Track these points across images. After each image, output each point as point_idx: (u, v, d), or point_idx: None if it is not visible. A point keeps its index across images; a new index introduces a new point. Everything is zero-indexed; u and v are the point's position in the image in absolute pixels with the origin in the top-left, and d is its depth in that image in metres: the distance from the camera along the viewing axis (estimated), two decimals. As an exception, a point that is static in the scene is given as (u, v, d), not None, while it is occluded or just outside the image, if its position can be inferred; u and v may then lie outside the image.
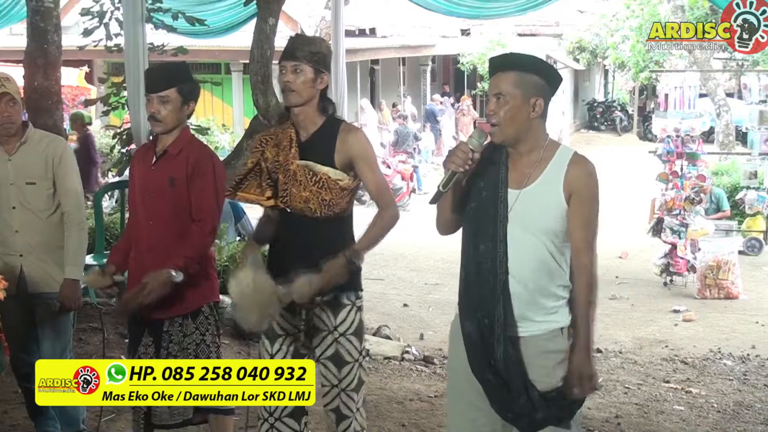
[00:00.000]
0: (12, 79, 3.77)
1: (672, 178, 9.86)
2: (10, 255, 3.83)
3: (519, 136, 2.74)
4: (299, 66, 3.11)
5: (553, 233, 2.74)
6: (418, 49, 21.50)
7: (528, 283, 2.75)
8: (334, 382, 3.25)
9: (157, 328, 3.48)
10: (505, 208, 2.75)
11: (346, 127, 3.21)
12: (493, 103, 2.74)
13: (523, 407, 2.74)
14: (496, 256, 2.75)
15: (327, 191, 3.12)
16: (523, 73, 2.73)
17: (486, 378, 2.78)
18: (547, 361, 2.77)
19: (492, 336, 2.74)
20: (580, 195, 2.72)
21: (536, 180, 2.75)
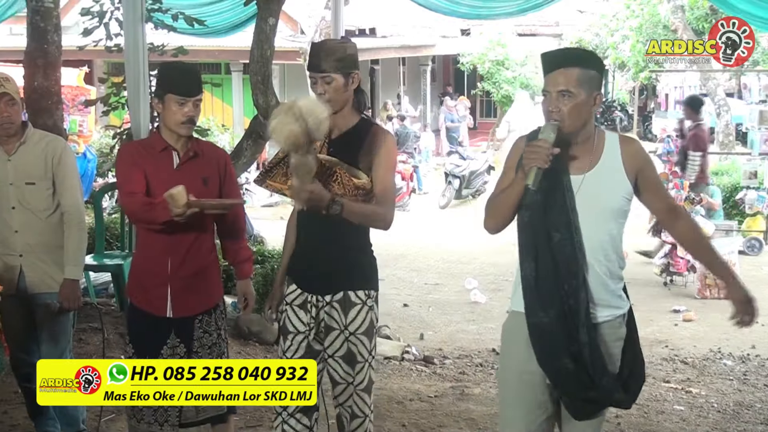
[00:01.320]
0: (11, 79, 3.77)
1: (672, 178, 9.85)
2: (10, 255, 3.83)
3: (579, 129, 2.84)
4: (328, 77, 3.16)
5: (619, 214, 2.87)
6: (418, 49, 21.49)
7: (600, 267, 2.84)
8: (349, 380, 3.28)
9: (185, 327, 3.48)
10: (572, 195, 2.83)
11: (376, 130, 3.25)
12: (557, 99, 2.79)
13: (603, 388, 2.82)
14: (573, 242, 2.81)
15: (340, 186, 3.14)
16: (585, 69, 2.81)
17: (562, 365, 2.82)
18: (615, 349, 2.89)
19: (576, 321, 2.80)
20: (646, 167, 2.89)
21: (597, 164, 2.85)
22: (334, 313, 3.24)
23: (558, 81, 2.79)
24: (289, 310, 3.33)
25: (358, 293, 3.25)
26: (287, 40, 15.70)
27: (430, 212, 14.94)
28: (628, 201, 2.87)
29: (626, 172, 2.84)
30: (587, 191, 2.83)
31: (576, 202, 2.82)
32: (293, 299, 3.32)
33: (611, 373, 2.85)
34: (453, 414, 5.03)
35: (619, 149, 2.86)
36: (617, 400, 2.90)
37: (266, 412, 4.68)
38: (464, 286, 9.31)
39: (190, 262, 3.46)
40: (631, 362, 2.92)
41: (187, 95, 3.38)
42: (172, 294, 3.46)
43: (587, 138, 2.87)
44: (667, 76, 10.53)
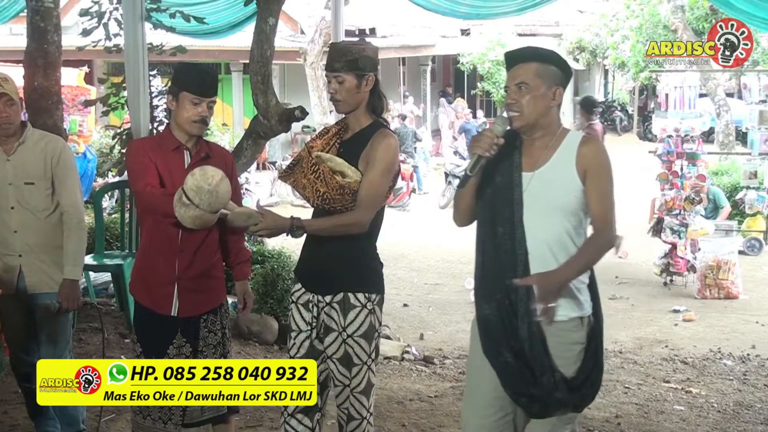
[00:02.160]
0: (10, 79, 3.77)
1: (672, 178, 9.85)
2: (9, 255, 3.83)
3: (538, 122, 2.86)
4: (339, 76, 3.19)
5: (569, 212, 2.84)
6: (418, 49, 21.48)
7: (547, 262, 2.82)
8: (345, 383, 3.28)
9: (191, 327, 3.48)
10: (519, 190, 2.85)
11: (380, 133, 3.24)
12: (515, 92, 2.85)
13: (545, 386, 2.81)
14: (514, 237, 2.83)
15: (322, 183, 3.16)
16: (543, 63, 2.85)
17: (503, 360, 2.84)
18: (569, 353, 2.86)
19: (515, 316, 2.81)
20: (594, 170, 2.84)
21: (548, 161, 2.86)
22: (333, 314, 3.25)
23: (516, 75, 2.86)
24: (294, 308, 3.35)
25: (358, 295, 3.25)
26: (287, 40, 15.70)
27: (430, 212, 14.93)
28: (578, 199, 2.83)
29: (577, 170, 2.83)
30: (536, 188, 2.84)
31: (524, 198, 2.84)
32: (298, 297, 3.34)
33: (558, 373, 2.82)
34: (453, 414, 5.03)
35: (576, 149, 2.85)
36: (560, 401, 2.84)
37: (266, 411, 4.69)
38: (464, 286, 9.30)
39: (198, 261, 3.46)
40: (588, 369, 2.88)
41: (202, 95, 3.38)
42: (179, 293, 3.45)
43: (547, 134, 2.88)
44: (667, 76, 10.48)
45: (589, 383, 2.90)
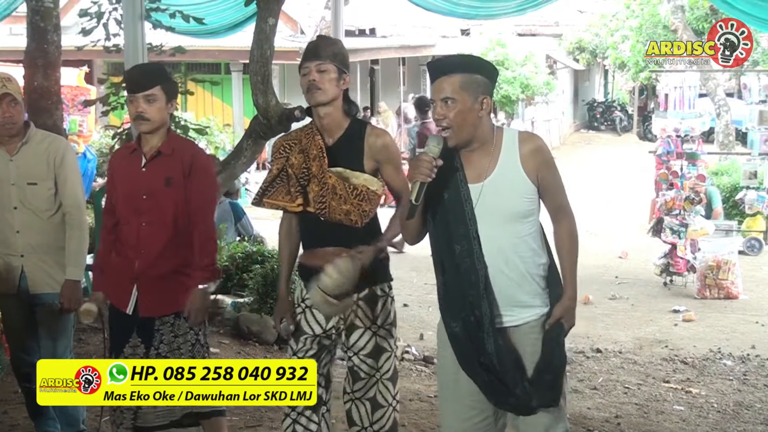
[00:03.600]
0: (14, 79, 3.77)
1: (672, 178, 9.85)
2: (11, 255, 3.83)
3: (471, 134, 2.80)
4: (323, 65, 3.16)
5: (523, 215, 2.83)
6: (418, 49, 21.49)
7: (509, 271, 2.81)
8: (371, 373, 3.28)
9: (147, 327, 3.46)
10: (470, 205, 2.81)
11: (372, 131, 3.24)
12: (441, 107, 2.78)
13: (519, 397, 2.81)
14: (473, 253, 2.80)
15: (367, 202, 3.17)
16: (467, 74, 2.78)
17: (478, 374, 2.83)
18: (536, 348, 2.86)
19: (481, 331, 2.79)
20: (544, 166, 2.84)
21: (494, 170, 2.81)
22: (360, 312, 3.24)
23: (440, 88, 2.79)
24: (308, 312, 3.29)
25: (382, 287, 3.27)
26: (287, 40, 15.70)
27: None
28: (532, 200, 2.84)
29: (526, 172, 2.81)
30: (487, 199, 2.80)
31: (476, 212, 2.80)
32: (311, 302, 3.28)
33: (527, 379, 2.82)
34: (453, 414, 5.03)
35: (517, 150, 2.82)
36: (538, 405, 2.85)
37: (266, 412, 4.68)
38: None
39: (162, 262, 3.42)
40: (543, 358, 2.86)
41: (132, 91, 3.40)
42: (138, 292, 3.45)
43: (484, 143, 2.83)
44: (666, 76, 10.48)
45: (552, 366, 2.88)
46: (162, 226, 3.41)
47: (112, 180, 3.58)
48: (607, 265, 10.26)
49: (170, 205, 3.41)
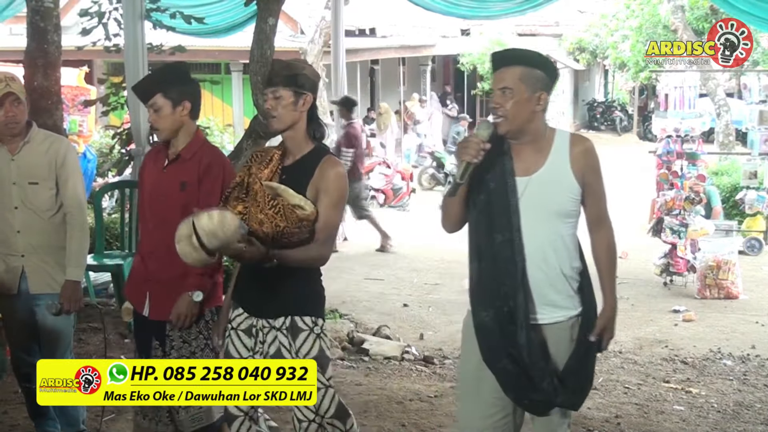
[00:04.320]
0: (17, 78, 3.77)
1: (672, 178, 9.85)
2: (12, 255, 3.82)
3: (523, 127, 2.84)
4: (277, 91, 3.10)
5: (565, 215, 2.86)
6: (418, 49, 21.47)
7: (546, 267, 2.84)
8: (311, 417, 3.17)
9: (160, 331, 3.48)
10: (515, 196, 2.84)
11: (328, 160, 3.15)
12: (499, 96, 2.83)
13: (544, 392, 2.83)
14: (513, 244, 2.83)
15: (282, 218, 3.05)
16: (528, 67, 2.83)
17: (502, 366, 2.84)
18: (566, 350, 2.90)
19: (513, 323, 2.82)
20: (591, 170, 2.88)
21: (543, 165, 2.85)
22: (283, 339, 3.16)
23: (500, 78, 2.84)
24: (234, 334, 3.24)
25: (305, 319, 3.17)
26: (287, 40, 15.69)
27: (430, 212, 14.93)
28: (576, 201, 2.88)
29: (574, 172, 2.85)
30: (532, 193, 2.84)
31: (520, 204, 2.83)
32: (239, 324, 3.24)
33: (555, 375, 2.85)
34: (453, 414, 5.03)
35: (568, 150, 2.86)
36: (560, 403, 2.89)
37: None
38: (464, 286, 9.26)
39: (172, 265, 3.38)
40: (576, 362, 2.90)
41: (142, 102, 3.50)
42: (150, 295, 3.47)
43: (535, 138, 2.87)
44: (667, 76, 10.48)
45: (583, 371, 2.93)
46: (171, 230, 3.41)
47: (141, 176, 3.64)
48: (607, 265, 10.24)
49: (181, 209, 3.40)
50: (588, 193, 2.88)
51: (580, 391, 2.93)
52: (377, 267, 10.03)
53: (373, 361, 6.31)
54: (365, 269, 9.80)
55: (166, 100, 3.40)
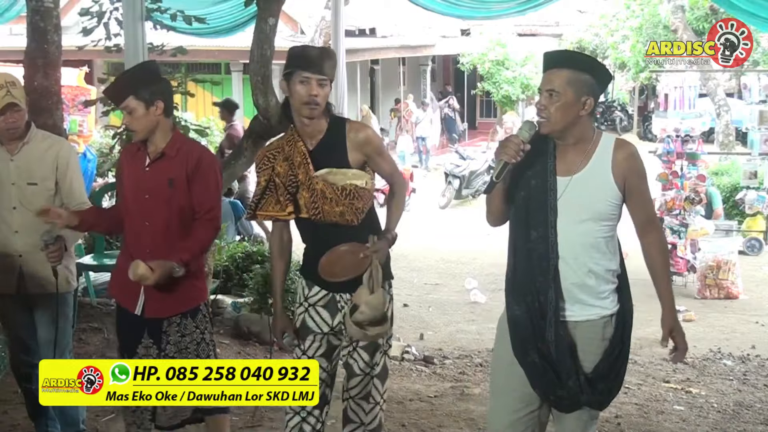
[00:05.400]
0: (18, 82, 3.76)
1: (672, 178, 9.86)
2: (10, 255, 3.82)
3: (566, 130, 2.86)
4: (325, 81, 3.13)
5: (603, 217, 2.87)
6: (418, 49, 21.49)
7: (578, 267, 2.86)
8: (366, 371, 3.29)
9: (156, 328, 3.48)
10: (554, 195, 2.86)
11: (352, 127, 3.22)
12: (545, 98, 2.84)
13: (570, 389, 2.85)
14: (547, 241, 2.85)
15: (359, 200, 3.17)
16: (576, 71, 2.83)
17: (531, 360, 2.88)
18: (596, 348, 2.90)
19: (543, 319, 2.85)
20: (634, 174, 2.88)
21: (585, 167, 2.86)
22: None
23: (548, 80, 2.85)
24: (312, 310, 3.29)
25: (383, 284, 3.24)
26: (287, 40, 15.68)
27: (430, 212, 14.93)
28: (615, 205, 2.88)
29: (614, 176, 2.85)
30: (572, 194, 2.85)
31: (559, 203, 2.85)
32: (317, 300, 3.29)
33: (583, 375, 2.87)
34: (453, 414, 5.03)
35: (611, 153, 2.86)
36: (586, 402, 2.90)
37: (266, 411, 4.68)
38: (464, 286, 9.31)
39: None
40: (607, 363, 2.91)
41: (116, 106, 3.49)
42: (145, 293, 3.45)
43: (580, 140, 2.88)
44: (667, 76, 10.49)
45: (613, 374, 2.94)
46: (164, 226, 3.42)
47: (120, 175, 3.61)
48: (607, 265, 10.24)
49: (173, 206, 3.41)
50: (633, 197, 2.88)
51: (608, 392, 2.94)
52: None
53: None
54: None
55: (138, 101, 3.36)
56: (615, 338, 2.94)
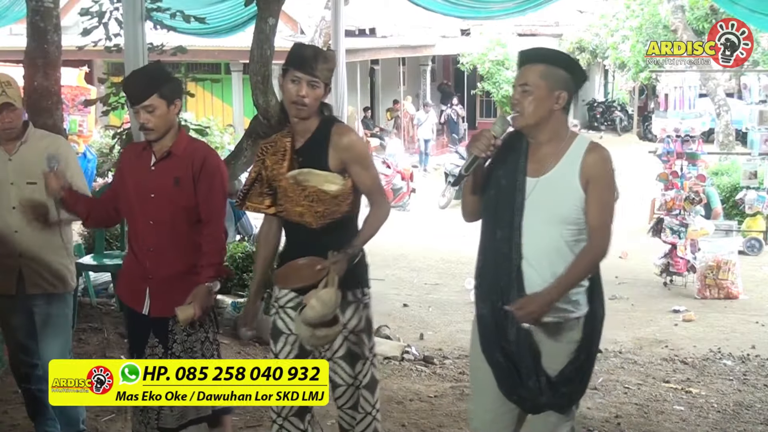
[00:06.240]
0: (13, 82, 3.75)
1: (672, 178, 9.86)
2: (9, 255, 3.82)
3: (540, 125, 2.83)
4: (317, 83, 3.09)
5: (569, 221, 2.82)
6: (418, 49, 21.48)
7: (543, 269, 2.82)
8: (350, 381, 3.27)
9: (162, 328, 3.48)
10: (522, 195, 2.84)
11: (337, 130, 3.17)
12: (518, 93, 2.83)
13: (530, 390, 2.84)
14: (512, 242, 2.83)
15: (319, 203, 3.12)
16: (550, 66, 2.82)
17: (496, 360, 2.88)
18: (562, 350, 2.87)
19: (506, 319, 2.83)
20: (596, 180, 2.80)
21: (553, 168, 2.83)
22: None
23: (522, 75, 2.84)
24: (282, 312, 3.29)
25: (355, 292, 3.23)
26: (287, 40, 15.67)
27: (430, 212, 14.93)
28: (579, 209, 2.81)
29: (581, 180, 2.80)
30: (539, 195, 2.82)
31: (526, 204, 2.82)
32: (287, 302, 3.28)
33: (543, 377, 2.84)
34: (453, 414, 5.03)
35: (582, 156, 2.81)
36: (547, 404, 2.87)
37: (266, 411, 4.68)
38: (464, 286, 9.30)
39: (172, 262, 3.43)
40: (573, 367, 2.87)
41: (132, 103, 3.41)
42: (150, 292, 3.46)
43: (553, 138, 2.84)
44: (667, 76, 10.49)
45: (578, 379, 2.91)
46: (169, 225, 3.43)
47: (121, 175, 3.58)
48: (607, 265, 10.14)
49: (178, 204, 3.42)
50: (589, 200, 2.79)
51: (570, 396, 2.91)
52: (377, 267, 10.00)
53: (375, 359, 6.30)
54: (365, 269, 9.80)
55: (161, 100, 3.36)
56: (583, 342, 2.89)
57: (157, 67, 3.76)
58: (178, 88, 3.50)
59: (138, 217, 3.48)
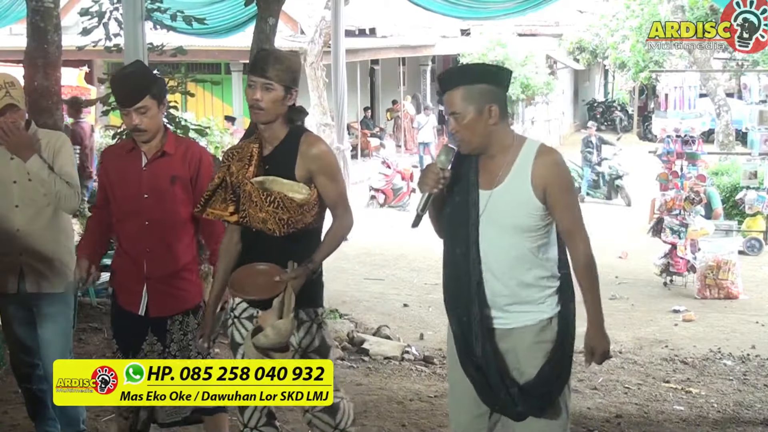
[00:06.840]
0: (17, 82, 3.75)
1: (672, 178, 9.86)
2: (11, 254, 3.82)
3: (484, 144, 2.80)
4: (271, 85, 3.03)
5: (528, 229, 2.79)
6: (418, 49, 21.49)
7: (506, 279, 2.81)
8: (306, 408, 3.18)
9: (160, 327, 3.48)
10: (476, 210, 2.81)
11: (306, 139, 3.12)
12: (452, 121, 2.81)
13: (504, 401, 2.84)
14: (469, 257, 2.82)
15: (284, 210, 3.04)
16: (468, 86, 2.77)
17: (470, 373, 2.87)
18: (536, 352, 2.85)
19: (471, 334, 2.83)
20: (552, 185, 2.77)
21: (505, 179, 2.80)
22: None
23: (448, 103, 2.80)
24: (237, 323, 3.23)
25: (308, 311, 3.17)
26: (287, 40, 15.70)
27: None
28: (538, 216, 2.77)
29: (533, 187, 2.75)
30: (493, 208, 2.79)
31: (482, 218, 2.79)
32: (240, 312, 3.23)
33: (515, 385, 2.82)
34: (453, 414, 5.03)
35: (531, 163, 2.77)
36: (524, 412, 2.85)
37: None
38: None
39: (168, 262, 3.43)
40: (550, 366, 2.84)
41: (124, 105, 3.36)
42: (148, 293, 3.45)
43: (502, 150, 2.80)
44: (667, 76, 10.49)
45: (555, 377, 2.87)
46: (166, 225, 3.42)
47: (107, 178, 3.54)
48: (607, 265, 10.25)
49: (175, 203, 3.41)
50: (553, 207, 2.76)
51: (544, 397, 2.86)
52: (377, 267, 10.03)
53: (373, 361, 6.31)
54: (365, 269, 9.80)
55: (153, 100, 3.36)
56: (557, 340, 2.85)
57: (143, 68, 3.72)
58: (164, 87, 3.50)
59: (131, 219, 3.45)
